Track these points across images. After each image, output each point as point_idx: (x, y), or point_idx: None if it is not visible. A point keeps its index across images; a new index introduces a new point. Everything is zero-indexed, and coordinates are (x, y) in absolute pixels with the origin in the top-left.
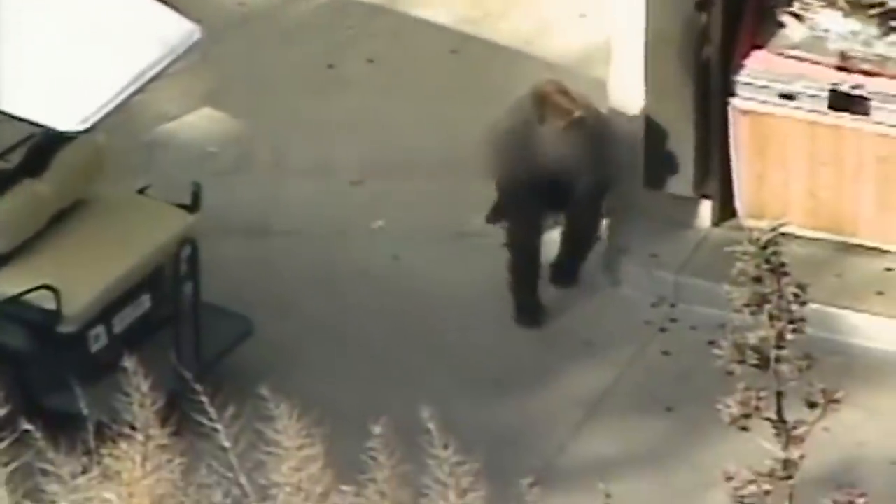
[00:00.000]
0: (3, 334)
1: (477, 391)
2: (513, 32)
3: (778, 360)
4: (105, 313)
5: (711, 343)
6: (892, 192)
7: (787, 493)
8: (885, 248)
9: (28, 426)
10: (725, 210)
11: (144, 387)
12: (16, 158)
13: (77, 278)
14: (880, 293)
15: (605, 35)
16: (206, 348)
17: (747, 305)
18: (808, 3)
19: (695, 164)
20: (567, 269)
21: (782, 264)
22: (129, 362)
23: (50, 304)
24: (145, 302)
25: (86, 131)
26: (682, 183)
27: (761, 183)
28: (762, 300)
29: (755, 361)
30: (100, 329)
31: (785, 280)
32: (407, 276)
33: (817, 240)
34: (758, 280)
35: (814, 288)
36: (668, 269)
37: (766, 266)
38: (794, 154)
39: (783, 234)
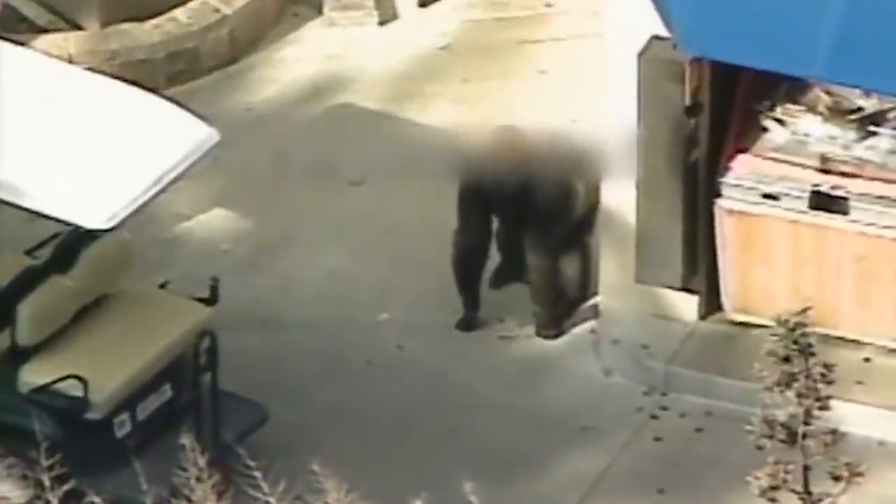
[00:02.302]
0: (34, 421)
1: (481, 473)
2: None
3: (805, 435)
4: (129, 401)
5: (699, 430)
6: (871, 289)
7: None
8: (864, 340)
9: (94, 499)
10: (712, 304)
11: (202, 462)
12: (44, 255)
13: (103, 368)
14: (860, 382)
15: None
16: (224, 434)
17: (777, 384)
18: (789, 109)
19: (683, 260)
20: (539, 320)
21: (810, 345)
22: (186, 440)
23: (78, 393)
24: (167, 390)
25: (111, 229)
26: (670, 278)
27: (746, 279)
28: (791, 379)
29: (783, 437)
30: (125, 416)
31: (812, 360)
32: (411, 365)
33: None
34: (786, 360)
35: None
36: (658, 359)
37: (794, 347)
38: (778, 252)
39: (767, 327)
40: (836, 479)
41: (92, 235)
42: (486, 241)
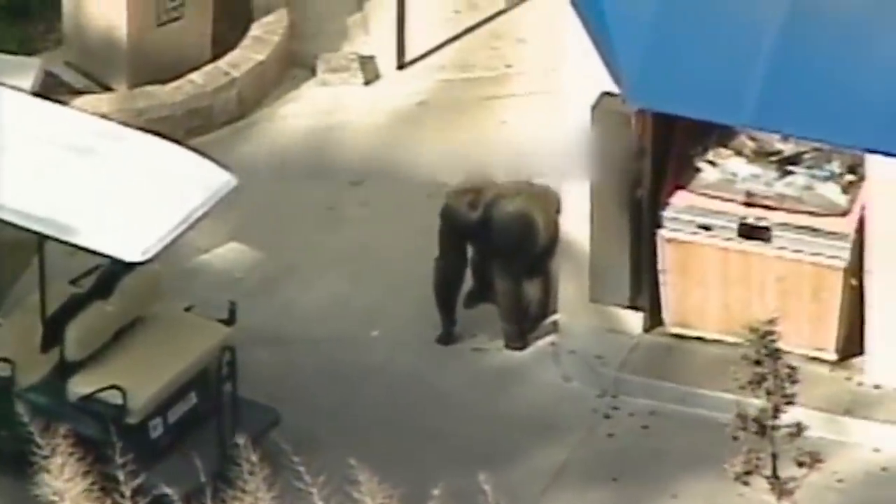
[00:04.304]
0: (80, 425)
1: (459, 465)
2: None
3: (773, 428)
4: (162, 407)
5: (645, 427)
6: (790, 305)
7: None
8: (785, 349)
9: (166, 490)
10: (654, 320)
11: (255, 457)
12: (87, 284)
13: (139, 379)
14: None
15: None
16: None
17: (749, 383)
18: (719, 152)
19: (630, 282)
20: (506, 335)
21: (777, 350)
22: (241, 439)
23: (118, 401)
24: (193, 398)
25: (146, 262)
26: (619, 297)
27: (684, 298)
28: (761, 379)
29: (755, 429)
30: (157, 420)
31: (780, 362)
32: (399, 374)
33: (730, 343)
34: (757, 363)
35: (728, 381)
36: (609, 367)
37: (764, 351)
38: (711, 274)
39: (702, 339)
40: (800, 465)
41: (128, 267)
42: (462, 267)
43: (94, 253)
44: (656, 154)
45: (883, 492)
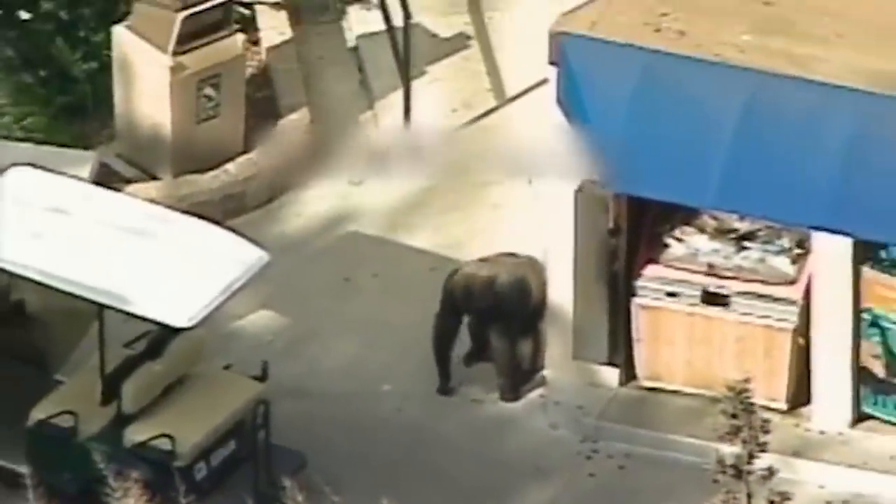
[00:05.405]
0: (135, 469)
1: (463, 502)
2: (476, 254)
3: (748, 472)
4: (205, 452)
5: (622, 468)
6: (747, 363)
7: None
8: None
9: None
10: (629, 374)
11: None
12: (140, 347)
13: (186, 429)
14: None
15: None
16: (275, 476)
17: (727, 433)
18: (685, 230)
19: (608, 342)
20: (501, 388)
21: (752, 404)
22: (285, 480)
23: (168, 447)
24: (232, 444)
25: (191, 327)
26: (599, 355)
27: (654, 356)
28: (737, 430)
29: (732, 473)
30: (202, 464)
31: (754, 416)
32: (407, 423)
33: (695, 394)
34: (734, 416)
35: (694, 427)
36: (590, 416)
37: (740, 406)
38: (678, 335)
39: (671, 391)
40: (771, 503)
41: (176, 332)
42: (456, 327)
43: (146, 320)
44: (630, 231)
45: None
